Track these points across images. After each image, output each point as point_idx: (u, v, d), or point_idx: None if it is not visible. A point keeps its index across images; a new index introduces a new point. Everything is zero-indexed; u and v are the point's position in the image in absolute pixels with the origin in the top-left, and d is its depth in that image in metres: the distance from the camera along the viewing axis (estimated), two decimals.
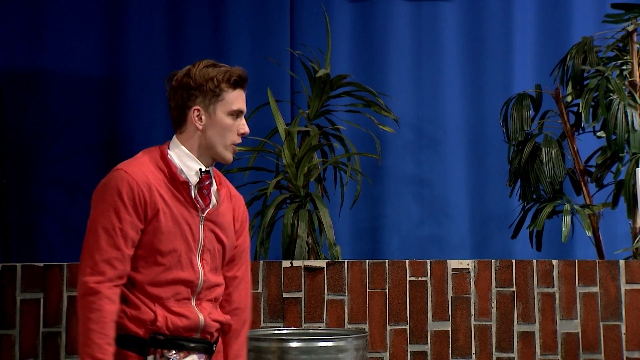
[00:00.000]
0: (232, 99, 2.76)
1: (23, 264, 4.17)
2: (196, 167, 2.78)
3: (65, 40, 5.34)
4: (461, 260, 4.24)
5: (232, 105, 2.76)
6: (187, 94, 2.77)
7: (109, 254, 2.65)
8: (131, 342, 2.72)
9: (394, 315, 4.19)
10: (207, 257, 2.77)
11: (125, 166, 2.73)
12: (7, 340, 4.11)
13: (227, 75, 2.76)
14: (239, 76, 2.77)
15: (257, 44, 5.41)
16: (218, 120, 2.76)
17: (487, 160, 5.42)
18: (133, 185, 2.68)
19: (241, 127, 2.79)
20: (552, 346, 4.19)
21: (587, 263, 4.23)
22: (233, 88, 2.76)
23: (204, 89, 2.76)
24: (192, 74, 2.76)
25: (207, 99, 2.76)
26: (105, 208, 2.66)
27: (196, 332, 2.74)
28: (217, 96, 2.75)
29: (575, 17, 5.52)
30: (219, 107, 2.76)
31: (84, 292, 2.66)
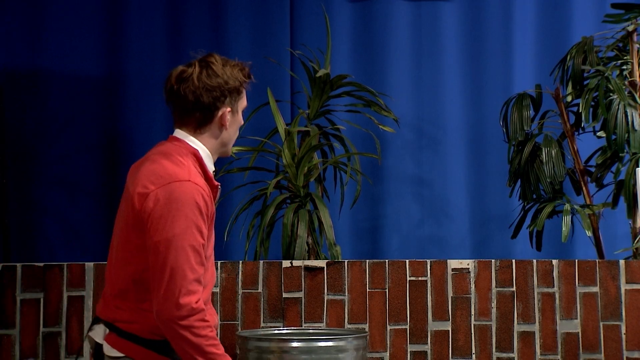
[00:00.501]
0: (244, 98, 2.77)
1: (23, 264, 4.17)
2: (212, 168, 2.75)
3: (65, 40, 5.34)
4: (461, 260, 4.24)
5: (245, 102, 2.77)
6: (217, 94, 2.68)
7: (199, 272, 2.53)
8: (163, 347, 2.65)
9: (394, 315, 4.19)
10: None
11: (189, 176, 2.58)
12: (7, 340, 4.11)
13: (246, 72, 2.75)
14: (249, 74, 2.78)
15: (257, 44, 5.41)
16: (238, 118, 2.76)
17: (487, 160, 5.43)
18: (205, 197, 2.58)
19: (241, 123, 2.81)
20: (552, 346, 4.19)
21: (587, 263, 4.23)
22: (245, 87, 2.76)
23: (232, 89, 2.70)
24: (221, 74, 2.68)
25: (233, 99, 2.72)
26: (188, 224, 2.52)
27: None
28: (239, 94, 2.73)
29: (575, 17, 5.52)
30: (239, 105, 2.75)
31: (189, 314, 2.49)
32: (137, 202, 2.58)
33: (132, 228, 2.59)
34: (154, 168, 2.62)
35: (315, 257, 4.48)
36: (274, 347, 3.55)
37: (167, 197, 2.53)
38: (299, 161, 4.60)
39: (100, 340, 2.65)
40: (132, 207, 2.59)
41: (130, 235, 2.60)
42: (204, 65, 2.69)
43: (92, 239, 5.27)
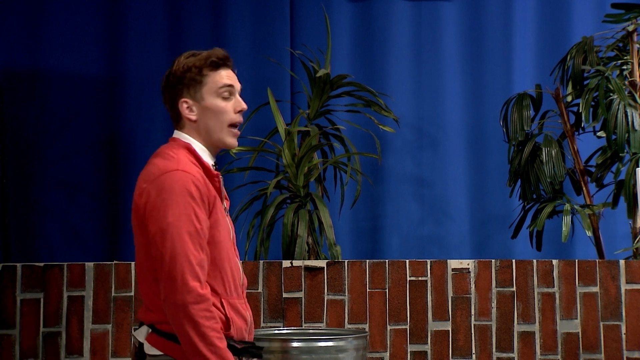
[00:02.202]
0: (217, 78, 2.72)
1: (23, 264, 4.17)
2: (211, 161, 2.75)
3: (65, 40, 5.34)
4: (461, 260, 4.24)
5: (217, 84, 2.71)
6: (173, 90, 2.73)
7: (200, 257, 2.54)
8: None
9: (394, 315, 4.19)
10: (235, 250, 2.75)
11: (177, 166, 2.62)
12: (7, 340, 4.11)
13: (207, 60, 2.72)
14: (218, 57, 2.73)
15: (257, 44, 5.41)
16: (209, 105, 2.71)
17: (487, 160, 5.43)
18: (198, 183, 2.60)
19: (237, 104, 2.73)
20: (552, 346, 4.19)
21: (587, 263, 4.23)
22: (216, 69, 2.72)
23: (186, 80, 2.71)
24: (174, 70, 2.72)
25: (192, 89, 2.71)
26: (181, 211, 2.54)
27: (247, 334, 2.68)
28: (200, 83, 2.71)
29: (575, 17, 5.52)
30: (206, 92, 2.71)
31: (194, 300, 2.49)
32: (137, 203, 2.63)
33: (139, 229, 2.63)
34: (148, 168, 2.68)
35: (315, 257, 4.48)
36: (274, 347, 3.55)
37: (158, 189, 2.58)
38: (299, 161, 4.60)
39: (142, 340, 2.65)
40: (136, 209, 2.64)
41: (140, 237, 2.63)
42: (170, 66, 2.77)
43: (92, 239, 5.27)
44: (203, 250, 2.55)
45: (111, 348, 4.11)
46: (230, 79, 2.74)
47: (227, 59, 2.75)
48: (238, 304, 2.66)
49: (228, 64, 2.75)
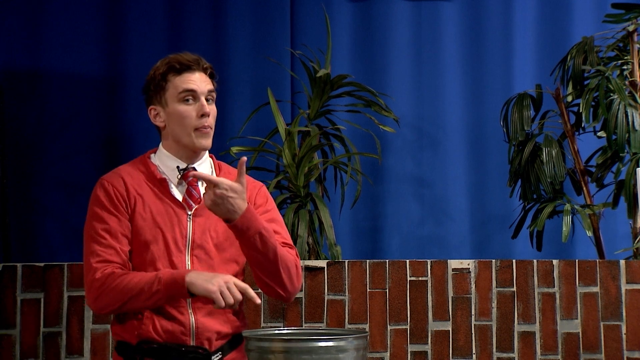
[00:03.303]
0: (178, 83, 2.70)
1: (23, 264, 4.17)
2: (173, 166, 2.73)
3: (65, 40, 5.33)
4: (461, 260, 4.24)
5: (178, 89, 2.70)
6: (145, 97, 2.77)
7: (105, 254, 2.60)
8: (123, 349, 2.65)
9: (394, 315, 4.19)
10: (200, 253, 2.68)
11: (103, 176, 2.75)
12: (7, 340, 4.11)
13: (168, 65, 2.71)
14: (179, 62, 2.71)
15: (257, 44, 5.41)
16: (172, 111, 2.71)
17: (488, 160, 5.42)
18: (107, 186, 2.68)
19: (198, 109, 2.70)
20: (553, 346, 4.18)
21: (587, 263, 4.23)
22: (179, 73, 2.70)
23: (152, 87, 2.73)
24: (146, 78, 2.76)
25: (157, 96, 2.73)
26: (89, 217, 2.67)
27: (190, 337, 2.64)
28: (164, 88, 2.71)
29: (576, 17, 5.52)
30: (169, 97, 2.71)
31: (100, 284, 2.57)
32: None
33: None
34: None
35: (315, 257, 4.48)
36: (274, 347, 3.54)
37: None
38: (300, 161, 4.60)
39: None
40: None
41: None
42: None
43: None
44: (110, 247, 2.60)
45: (111, 348, 4.11)
46: (192, 83, 2.70)
47: (191, 62, 2.71)
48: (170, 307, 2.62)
49: (193, 67, 2.71)
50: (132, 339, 2.63)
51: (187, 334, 2.63)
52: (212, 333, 2.67)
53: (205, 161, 2.80)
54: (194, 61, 2.72)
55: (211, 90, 2.75)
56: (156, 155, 2.78)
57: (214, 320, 2.68)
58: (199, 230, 2.69)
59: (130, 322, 2.63)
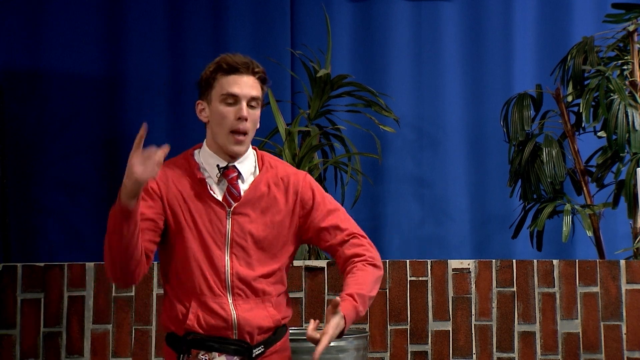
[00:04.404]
0: (223, 84, 2.73)
1: (23, 264, 4.17)
2: (214, 164, 2.76)
3: (65, 40, 5.33)
4: (462, 260, 4.24)
5: (222, 90, 2.73)
6: (198, 92, 2.81)
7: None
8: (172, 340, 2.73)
9: (394, 315, 4.19)
10: (239, 251, 2.72)
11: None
12: (7, 340, 4.11)
13: (218, 64, 2.74)
14: (228, 63, 2.74)
15: (257, 44, 5.41)
16: (214, 110, 2.75)
17: (488, 160, 5.42)
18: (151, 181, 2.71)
19: (237, 112, 2.73)
20: (553, 346, 4.18)
21: (587, 263, 4.23)
22: (227, 74, 2.73)
23: (202, 82, 2.77)
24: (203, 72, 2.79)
25: (205, 92, 2.77)
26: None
27: (232, 332, 2.70)
28: (211, 86, 2.75)
29: (576, 17, 5.52)
30: (214, 96, 2.75)
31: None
32: None
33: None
34: None
35: (315, 257, 4.47)
36: None
37: None
38: (300, 161, 4.60)
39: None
40: None
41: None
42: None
43: (92, 239, 5.26)
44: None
45: (112, 348, 4.11)
46: (236, 87, 2.73)
47: (240, 65, 2.74)
48: (213, 302, 2.68)
49: (241, 70, 2.74)
50: (179, 331, 2.70)
51: (230, 329, 2.69)
52: (253, 328, 2.71)
53: (247, 157, 2.82)
54: (243, 64, 2.74)
55: (255, 96, 2.76)
56: (200, 152, 2.82)
57: (255, 315, 2.72)
58: (238, 228, 2.73)
59: (176, 315, 2.70)
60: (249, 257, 2.73)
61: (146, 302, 4.13)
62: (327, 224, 2.80)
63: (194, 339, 2.67)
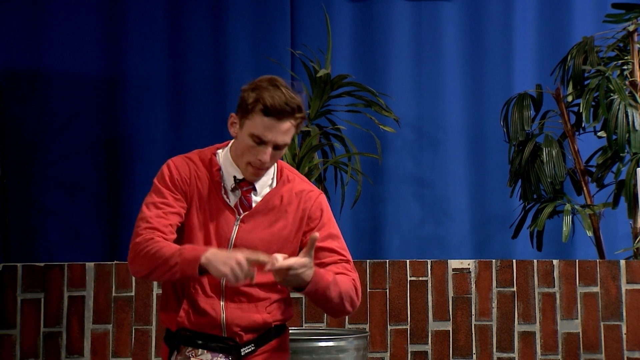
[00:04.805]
0: (257, 124, 2.67)
1: (23, 264, 4.17)
2: (232, 173, 2.77)
3: (65, 40, 5.34)
4: (462, 260, 4.24)
5: (253, 129, 2.67)
6: (238, 101, 2.74)
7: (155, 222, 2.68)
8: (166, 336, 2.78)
9: (394, 315, 4.19)
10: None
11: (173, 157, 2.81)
12: (7, 340, 4.11)
13: (262, 99, 2.67)
14: (273, 106, 2.66)
15: (257, 44, 5.41)
16: (241, 137, 2.72)
17: (488, 160, 5.42)
18: (173, 169, 2.74)
19: (259, 153, 2.69)
20: (553, 346, 4.18)
21: (587, 263, 4.23)
22: (266, 115, 2.66)
23: (244, 101, 2.70)
24: (250, 84, 2.74)
25: (241, 112, 2.71)
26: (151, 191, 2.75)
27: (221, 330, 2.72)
28: (247, 114, 2.69)
29: (576, 17, 5.52)
30: (246, 125, 2.69)
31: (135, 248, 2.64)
32: None
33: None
34: None
35: None
36: None
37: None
38: (300, 161, 4.60)
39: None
40: None
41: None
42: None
43: (93, 239, 5.27)
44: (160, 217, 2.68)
45: (112, 348, 4.11)
46: (270, 134, 2.67)
47: (283, 112, 2.67)
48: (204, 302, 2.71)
49: (284, 118, 2.67)
50: (172, 327, 2.75)
51: (218, 328, 2.72)
52: (241, 328, 2.74)
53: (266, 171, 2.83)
54: (286, 112, 2.68)
55: (285, 143, 2.73)
56: (222, 154, 2.81)
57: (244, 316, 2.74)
58: (243, 235, 2.74)
59: (171, 312, 2.74)
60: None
61: (146, 302, 4.13)
62: (325, 244, 2.81)
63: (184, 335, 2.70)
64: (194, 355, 2.69)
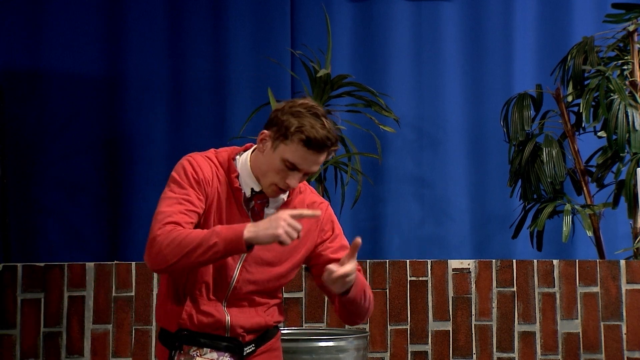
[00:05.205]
0: (294, 152, 2.65)
1: (24, 264, 4.17)
2: (250, 184, 2.74)
3: (65, 40, 5.34)
4: (462, 260, 4.24)
5: (289, 156, 2.65)
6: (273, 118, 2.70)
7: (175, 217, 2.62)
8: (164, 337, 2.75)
9: (394, 315, 4.19)
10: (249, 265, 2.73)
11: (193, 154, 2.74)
12: (7, 340, 4.11)
13: (305, 130, 2.65)
14: (316, 140, 2.65)
15: (258, 44, 5.41)
16: (272, 157, 2.67)
17: (488, 160, 5.43)
18: (195, 165, 2.69)
19: (289, 178, 2.68)
20: (553, 346, 4.18)
21: (587, 263, 4.23)
22: (303, 144, 2.65)
23: (283, 123, 2.66)
24: (288, 106, 2.69)
25: (277, 133, 2.67)
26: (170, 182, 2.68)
27: (225, 331, 2.73)
28: (285, 139, 2.65)
29: (576, 17, 5.52)
30: (281, 148, 2.66)
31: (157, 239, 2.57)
32: None
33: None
34: None
35: None
36: None
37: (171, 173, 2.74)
38: None
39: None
40: None
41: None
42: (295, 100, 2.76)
43: (93, 239, 5.27)
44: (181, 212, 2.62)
45: (112, 348, 4.11)
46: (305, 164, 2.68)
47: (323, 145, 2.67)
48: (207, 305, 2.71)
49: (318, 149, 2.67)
50: (172, 327, 2.73)
51: (222, 328, 2.73)
52: (244, 329, 2.75)
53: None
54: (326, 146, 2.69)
55: (315, 172, 2.75)
56: (241, 162, 2.76)
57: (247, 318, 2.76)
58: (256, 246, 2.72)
59: (171, 312, 2.73)
60: (257, 272, 2.75)
61: (146, 302, 4.13)
62: (339, 256, 2.80)
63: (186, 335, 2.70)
64: (199, 355, 2.69)
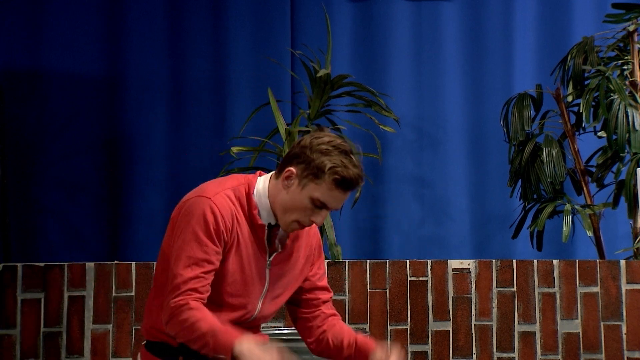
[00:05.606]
0: (325, 192, 2.62)
1: (24, 264, 4.17)
2: (267, 219, 2.69)
3: (65, 40, 5.34)
4: (462, 260, 4.24)
5: (319, 195, 2.62)
6: (299, 153, 2.64)
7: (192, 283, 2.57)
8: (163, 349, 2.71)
9: (394, 315, 4.19)
10: (269, 300, 2.74)
11: (213, 194, 2.63)
12: (7, 340, 4.11)
13: (339, 172, 2.61)
14: (349, 180, 2.63)
15: (258, 44, 5.41)
16: (300, 195, 2.63)
17: (488, 160, 5.42)
18: (217, 214, 2.60)
19: (315, 216, 2.65)
20: (553, 346, 4.19)
21: (587, 263, 4.23)
22: (337, 186, 2.62)
23: (312, 162, 2.62)
24: (316, 143, 2.63)
25: (306, 172, 2.62)
26: (191, 237, 2.58)
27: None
28: (316, 178, 2.61)
29: (576, 16, 5.52)
30: (310, 187, 2.62)
31: (172, 313, 2.56)
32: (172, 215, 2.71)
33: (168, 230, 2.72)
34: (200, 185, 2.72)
35: None
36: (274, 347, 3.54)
37: (186, 209, 2.62)
38: None
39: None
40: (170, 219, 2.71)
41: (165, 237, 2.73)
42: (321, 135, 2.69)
43: (93, 239, 5.27)
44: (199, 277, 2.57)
45: (112, 348, 4.11)
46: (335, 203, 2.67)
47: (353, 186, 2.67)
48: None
49: (349, 189, 2.66)
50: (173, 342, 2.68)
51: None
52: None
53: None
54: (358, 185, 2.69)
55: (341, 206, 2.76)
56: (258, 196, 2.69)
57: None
58: (273, 279, 2.74)
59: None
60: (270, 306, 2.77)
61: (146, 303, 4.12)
62: (323, 283, 2.85)
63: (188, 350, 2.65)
64: None
